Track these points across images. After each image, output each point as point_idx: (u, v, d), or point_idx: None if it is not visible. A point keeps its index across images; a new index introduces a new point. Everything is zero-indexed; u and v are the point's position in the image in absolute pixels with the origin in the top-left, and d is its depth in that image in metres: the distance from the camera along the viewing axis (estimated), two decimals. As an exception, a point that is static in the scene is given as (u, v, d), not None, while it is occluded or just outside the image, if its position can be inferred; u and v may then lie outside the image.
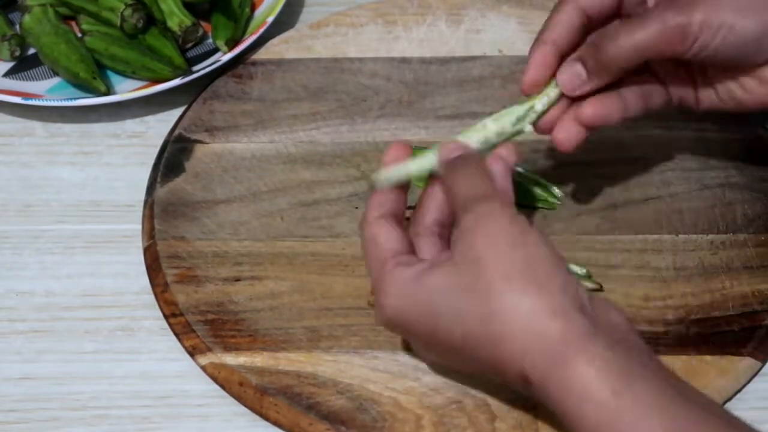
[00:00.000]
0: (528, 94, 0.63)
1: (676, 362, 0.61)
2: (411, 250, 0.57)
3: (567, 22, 0.63)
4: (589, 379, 0.49)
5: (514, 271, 0.52)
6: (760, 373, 0.63)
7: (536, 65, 0.63)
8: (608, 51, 0.61)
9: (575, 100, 0.63)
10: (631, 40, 0.60)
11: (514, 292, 0.51)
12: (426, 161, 0.59)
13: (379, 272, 0.56)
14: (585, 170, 0.72)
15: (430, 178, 0.59)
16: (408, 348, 0.62)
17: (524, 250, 0.53)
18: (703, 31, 0.59)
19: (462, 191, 0.56)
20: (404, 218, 0.59)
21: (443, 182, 0.58)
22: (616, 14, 0.64)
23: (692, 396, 0.50)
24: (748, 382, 0.63)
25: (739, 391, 0.62)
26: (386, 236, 0.57)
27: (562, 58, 0.63)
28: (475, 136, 0.61)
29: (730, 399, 0.62)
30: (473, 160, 0.58)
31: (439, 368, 0.61)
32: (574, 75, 0.62)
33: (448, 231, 0.58)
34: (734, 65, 0.62)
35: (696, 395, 0.51)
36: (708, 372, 0.61)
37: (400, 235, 0.57)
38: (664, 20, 0.60)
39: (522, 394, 0.55)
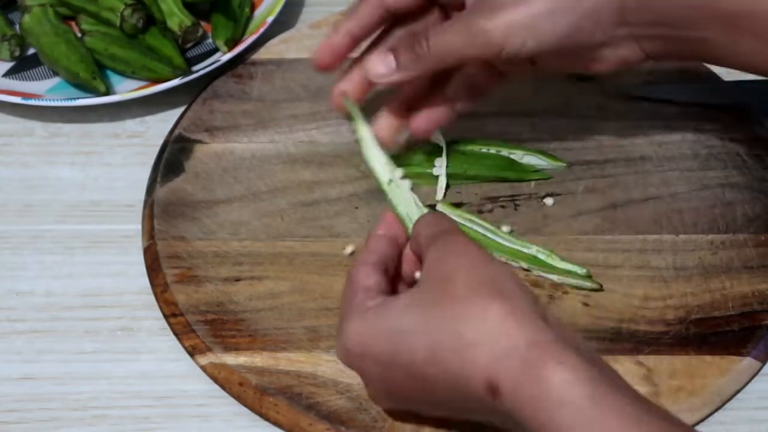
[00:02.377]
0: (321, 69, 0.67)
1: (676, 362, 0.61)
2: (386, 292, 0.58)
3: (367, 15, 0.65)
4: (566, 384, 0.48)
5: (481, 284, 0.52)
6: (760, 373, 0.63)
7: (323, 48, 0.66)
8: (419, 52, 0.62)
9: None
10: (442, 44, 0.61)
11: (482, 299, 0.52)
12: (364, 130, 0.67)
13: (347, 306, 0.56)
14: (585, 170, 0.72)
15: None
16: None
17: (490, 267, 0.53)
18: (509, 37, 0.59)
19: (425, 232, 0.58)
20: (395, 267, 0.60)
21: (412, 244, 0.60)
22: (425, 9, 0.65)
23: (656, 408, 0.50)
24: (748, 382, 0.63)
25: (739, 391, 0.62)
26: (366, 277, 0.57)
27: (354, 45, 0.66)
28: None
29: (730, 399, 0.62)
30: (433, 215, 0.61)
31: (395, 414, 0.59)
32: (382, 64, 0.63)
33: None
34: (565, 54, 0.62)
35: (657, 407, 0.50)
36: (708, 372, 0.61)
37: (378, 280, 0.57)
38: (469, 26, 0.60)
39: (482, 422, 0.55)
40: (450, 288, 0.53)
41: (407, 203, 0.67)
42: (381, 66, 0.63)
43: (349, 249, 0.68)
